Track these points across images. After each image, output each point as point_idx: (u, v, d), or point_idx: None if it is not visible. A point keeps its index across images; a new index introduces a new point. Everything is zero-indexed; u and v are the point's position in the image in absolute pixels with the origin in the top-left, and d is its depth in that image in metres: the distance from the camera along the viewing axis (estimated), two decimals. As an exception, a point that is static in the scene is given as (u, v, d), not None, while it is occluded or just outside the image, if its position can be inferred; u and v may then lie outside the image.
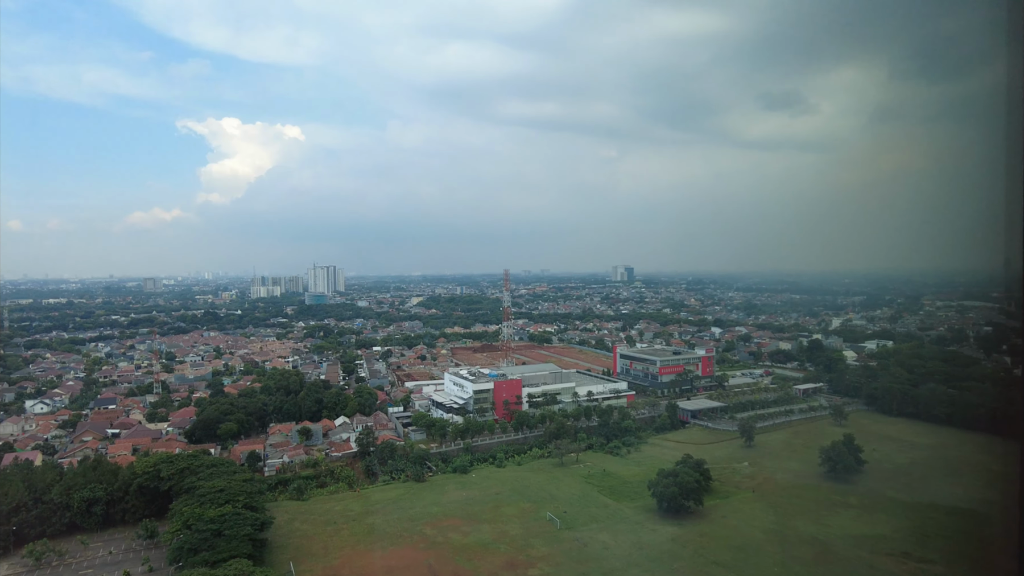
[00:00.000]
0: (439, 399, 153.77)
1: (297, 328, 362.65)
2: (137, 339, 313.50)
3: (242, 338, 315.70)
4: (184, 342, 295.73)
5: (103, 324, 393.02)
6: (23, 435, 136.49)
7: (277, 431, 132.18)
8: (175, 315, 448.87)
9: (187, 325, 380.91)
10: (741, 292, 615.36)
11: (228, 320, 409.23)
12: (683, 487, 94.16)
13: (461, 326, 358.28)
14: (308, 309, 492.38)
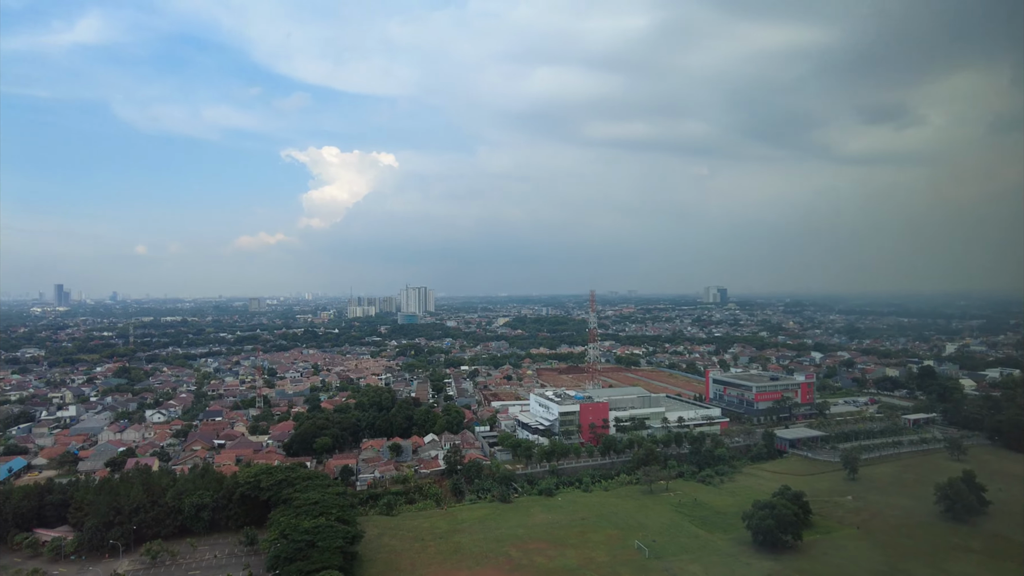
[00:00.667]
0: (525, 420, 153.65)
1: (390, 347, 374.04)
2: (242, 355, 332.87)
3: (338, 356, 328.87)
4: (285, 359, 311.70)
5: (212, 341, 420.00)
6: (143, 442, 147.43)
7: (369, 446, 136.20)
8: (277, 333, 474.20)
9: (288, 343, 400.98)
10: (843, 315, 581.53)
11: (326, 338, 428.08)
12: (780, 520, 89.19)
13: (547, 347, 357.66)
14: (400, 328, 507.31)
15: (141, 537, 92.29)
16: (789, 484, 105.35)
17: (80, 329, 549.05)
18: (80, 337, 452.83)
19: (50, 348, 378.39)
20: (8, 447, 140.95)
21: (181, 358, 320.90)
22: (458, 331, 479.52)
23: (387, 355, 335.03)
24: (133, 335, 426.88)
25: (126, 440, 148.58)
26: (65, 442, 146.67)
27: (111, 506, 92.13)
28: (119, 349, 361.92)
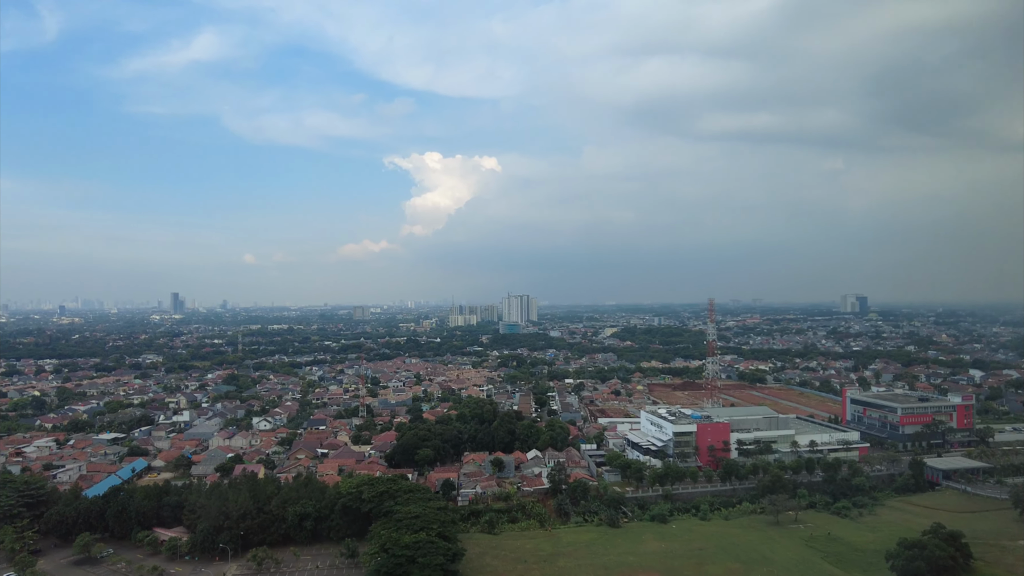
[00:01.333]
0: (635, 439, 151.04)
1: (491, 357, 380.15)
2: (346, 364, 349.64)
3: (440, 365, 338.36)
4: (388, 368, 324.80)
5: (317, 349, 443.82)
6: (250, 449, 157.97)
7: (471, 460, 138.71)
8: (380, 342, 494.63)
9: (391, 352, 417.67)
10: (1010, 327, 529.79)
11: (428, 347, 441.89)
12: (933, 563, 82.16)
13: (659, 360, 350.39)
14: (502, 338, 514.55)
15: (248, 542, 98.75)
16: (943, 522, 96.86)
17: (193, 336, 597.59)
18: (193, 344, 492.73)
19: (167, 355, 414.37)
20: (132, 448, 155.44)
21: (287, 366, 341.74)
22: (562, 341, 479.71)
23: (488, 365, 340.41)
24: (241, 343, 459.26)
25: (234, 446, 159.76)
26: (180, 446, 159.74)
27: (220, 511, 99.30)
28: (228, 356, 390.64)
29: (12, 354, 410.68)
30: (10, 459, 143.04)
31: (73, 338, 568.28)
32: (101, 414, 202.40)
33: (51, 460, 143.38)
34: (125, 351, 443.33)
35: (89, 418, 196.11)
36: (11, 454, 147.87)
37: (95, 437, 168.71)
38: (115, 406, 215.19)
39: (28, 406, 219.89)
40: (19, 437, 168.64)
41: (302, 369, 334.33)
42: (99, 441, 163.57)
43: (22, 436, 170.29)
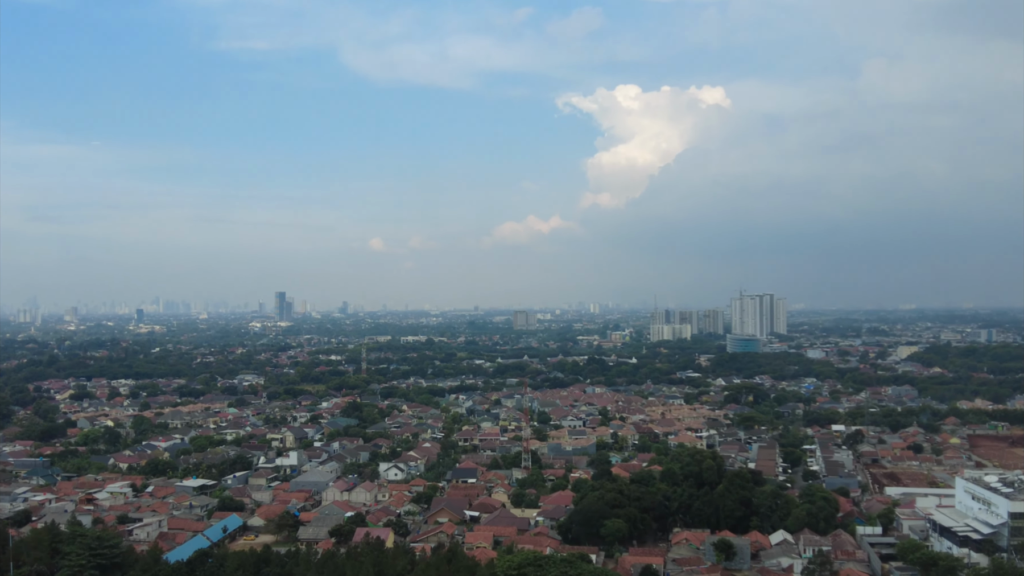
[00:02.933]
0: (946, 521, 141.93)
1: (714, 387, 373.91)
2: (504, 392, 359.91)
3: (637, 398, 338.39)
4: (562, 399, 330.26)
5: (465, 371, 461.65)
6: (375, 506, 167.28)
7: (683, 539, 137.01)
8: (551, 362, 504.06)
9: (566, 376, 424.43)
10: None
11: (619, 371, 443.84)
12: None
13: (986, 398, 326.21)
14: (730, 359, 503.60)
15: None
16: None
17: (304, 351, 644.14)
18: (304, 362, 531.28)
19: (269, 375, 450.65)
20: (223, 500, 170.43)
21: (425, 393, 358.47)
22: (827, 366, 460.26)
23: (710, 400, 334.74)
24: (366, 360, 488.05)
25: (355, 502, 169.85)
26: (285, 499, 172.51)
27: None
28: (349, 379, 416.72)
29: (82, 371, 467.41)
30: (80, 507, 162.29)
31: (153, 352, 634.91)
32: (186, 453, 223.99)
33: (126, 511, 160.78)
34: (217, 369, 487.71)
35: (171, 457, 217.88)
36: (81, 500, 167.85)
37: (178, 483, 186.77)
38: (203, 443, 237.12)
39: (100, 439, 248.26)
40: (90, 479, 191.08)
41: (445, 398, 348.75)
42: (183, 489, 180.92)
43: (94, 478, 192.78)
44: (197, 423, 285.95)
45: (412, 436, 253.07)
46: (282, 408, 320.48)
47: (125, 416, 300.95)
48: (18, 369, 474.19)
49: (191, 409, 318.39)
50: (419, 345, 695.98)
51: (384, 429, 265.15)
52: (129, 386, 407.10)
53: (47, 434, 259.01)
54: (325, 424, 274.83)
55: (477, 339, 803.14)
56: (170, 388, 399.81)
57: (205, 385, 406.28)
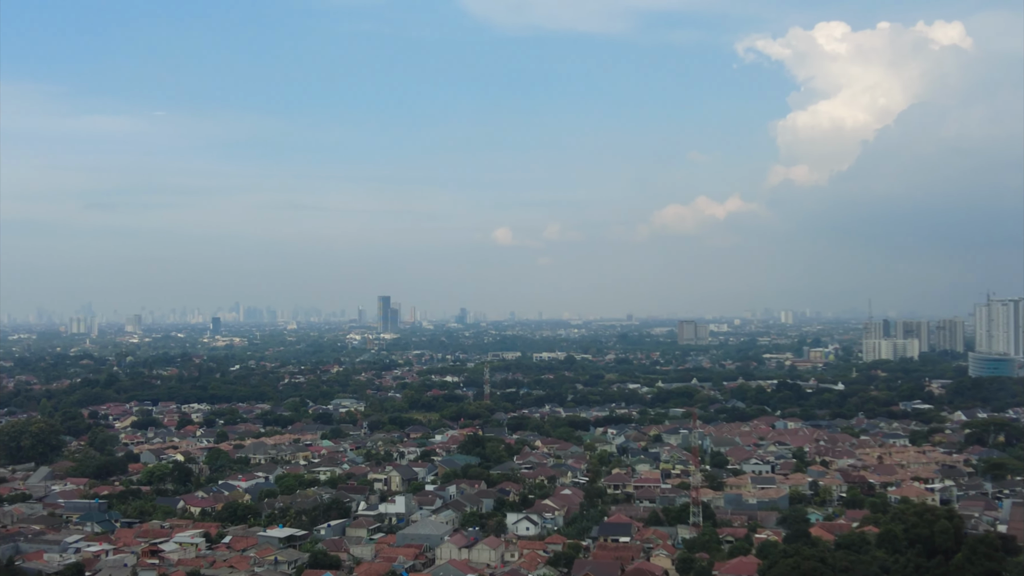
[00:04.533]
0: None
1: (951, 423, 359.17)
2: (666, 426, 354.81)
3: (844, 436, 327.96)
4: (743, 436, 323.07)
5: (615, 397, 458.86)
6: (501, 567, 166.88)
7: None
8: (728, 387, 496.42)
9: (747, 406, 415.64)
10: None
11: (819, 401, 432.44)
12: None
13: None
14: (973, 386, 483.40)
15: None
16: None
17: (413, 370, 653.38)
18: (413, 383, 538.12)
19: (371, 400, 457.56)
20: (315, 555, 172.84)
21: (564, 425, 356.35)
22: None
23: (945, 440, 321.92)
24: (489, 382, 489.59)
25: (476, 562, 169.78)
26: (389, 555, 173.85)
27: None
28: (468, 406, 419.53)
29: (147, 394, 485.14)
30: (143, 561, 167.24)
31: (231, 370, 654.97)
32: (271, 495, 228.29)
33: (198, 566, 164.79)
34: (308, 392, 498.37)
35: (253, 501, 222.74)
36: (144, 552, 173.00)
37: (261, 533, 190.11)
38: (291, 483, 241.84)
39: (168, 477, 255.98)
40: (155, 527, 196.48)
41: (590, 432, 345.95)
42: (267, 540, 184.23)
43: (159, 525, 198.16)
44: (284, 458, 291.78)
45: (548, 480, 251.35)
46: (386, 441, 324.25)
47: (198, 449, 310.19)
48: (70, 391, 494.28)
49: (277, 441, 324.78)
50: (556, 364, 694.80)
51: (512, 470, 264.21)
52: (203, 412, 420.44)
53: (104, 470, 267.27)
54: (439, 463, 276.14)
55: (631, 357, 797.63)
56: (252, 415, 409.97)
57: (294, 412, 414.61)
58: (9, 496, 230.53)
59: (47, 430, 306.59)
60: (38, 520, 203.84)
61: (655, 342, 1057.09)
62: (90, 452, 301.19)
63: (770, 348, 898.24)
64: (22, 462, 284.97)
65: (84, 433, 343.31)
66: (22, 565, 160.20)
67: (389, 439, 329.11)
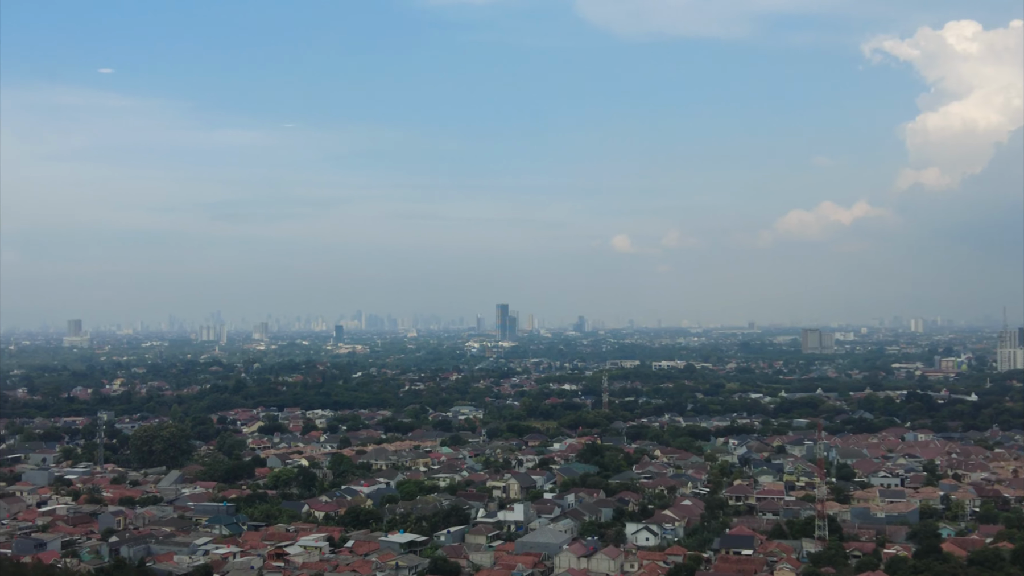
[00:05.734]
0: None
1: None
2: (790, 437, 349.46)
3: (978, 449, 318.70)
4: (870, 448, 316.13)
5: (736, 407, 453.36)
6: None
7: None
8: (855, 397, 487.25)
9: (875, 417, 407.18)
10: None
11: (951, 412, 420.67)
12: None
13: None
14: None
15: None
16: None
17: (531, 378, 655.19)
18: (531, 391, 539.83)
19: (489, 407, 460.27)
20: (435, 560, 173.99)
21: (684, 434, 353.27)
22: None
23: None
24: (608, 390, 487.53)
25: (595, 571, 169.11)
26: (508, 563, 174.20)
27: None
28: (586, 414, 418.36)
29: (273, 400, 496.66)
30: (269, 563, 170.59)
31: (354, 377, 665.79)
32: (392, 500, 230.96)
33: (322, 569, 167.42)
34: (427, 399, 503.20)
35: (375, 506, 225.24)
36: (270, 555, 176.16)
37: (383, 538, 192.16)
38: (412, 489, 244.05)
39: (293, 481, 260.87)
40: (281, 530, 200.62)
41: (710, 442, 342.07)
42: (388, 545, 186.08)
43: (285, 529, 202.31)
44: (405, 464, 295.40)
45: (667, 490, 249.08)
46: (505, 449, 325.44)
47: (321, 454, 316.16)
48: (200, 396, 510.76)
49: (397, 447, 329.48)
50: (676, 372, 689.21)
51: (631, 480, 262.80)
52: (326, 418, 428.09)
53: (232, 474, 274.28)
54: (557, 471, 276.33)
55: (752, 366, 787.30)
56: (373, 421, 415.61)
57: (414, 418, 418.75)
58: (141, 499, 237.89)
59: (178, 435, 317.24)
60: (169, 522, 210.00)
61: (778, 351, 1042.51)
62: (219, 456, 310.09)
63: (899, 357, 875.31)
64: (154, 466, 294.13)
65: (213, 438, 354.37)
66: (153, 566, 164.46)
67: (507, 447, 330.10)
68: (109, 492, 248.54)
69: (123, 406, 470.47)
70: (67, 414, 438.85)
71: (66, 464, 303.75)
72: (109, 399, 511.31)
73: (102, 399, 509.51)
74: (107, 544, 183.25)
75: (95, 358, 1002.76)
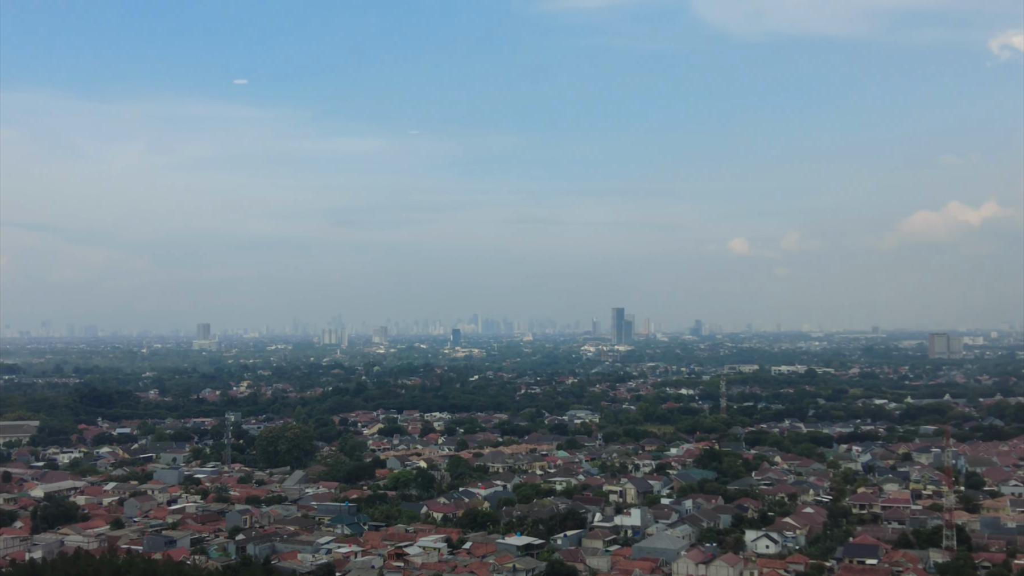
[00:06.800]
0: None
1: None
2: (916, 444, 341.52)
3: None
4: (1001, 456, 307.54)
5: (860, 413, 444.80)
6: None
7: None
8: (984, 403, 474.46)
9: (1006, 424, 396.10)
10: None
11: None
12: None
13: None
14: None
15: None
16: None
17: (647, 382, 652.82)
18: (647, 396, 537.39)
19: (605, 411, 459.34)
20: (552, 563, 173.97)
21: (805, 441, 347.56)
22: None
23: None
24: (726, 395, 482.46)
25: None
26: (625, 567, 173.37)
27: None
28: (704, 419, 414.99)
29: (392, 402, 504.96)
30: (389, 564, 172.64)
31: (471, 380, 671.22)
32: (508, 503, 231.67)
33: (440, 570, 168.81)
34: (543, 403, 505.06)
35: (492, 508, 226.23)
36: (390, 555, 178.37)
37: (500, 540, 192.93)
38: (529, 492, 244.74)
39: (412, 483, 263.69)
40: (400, 530, 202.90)
41: (833, 448, 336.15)
42: (505, 547, 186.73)
43: (404, 529, 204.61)
44: (521, 467, 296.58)
45: (788, 497, 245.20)
46: (621, 453, 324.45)
47: (439, 456, 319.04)
48: (323, 398, 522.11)
49: (514, 450, 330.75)
50: (796, 378, 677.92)
51: (751, 486, 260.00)
52: (444, 421, 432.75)
53: (353, 475, 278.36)
54: (675, 476, 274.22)
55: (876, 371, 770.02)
56: (490, 424, 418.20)
57: (530, 422, 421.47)
58: (267, 498, 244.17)
59: (302, 436, 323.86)
60: (293, 521, 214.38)
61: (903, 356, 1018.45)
62: (340, 457, 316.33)
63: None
64: (279, 466, 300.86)
65: (335, 439, 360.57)
66: (278, 564, 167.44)
67: (624, 451, 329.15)
68: (236, 491, 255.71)
69: (249, 407, 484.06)
70: (196, 415, 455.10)
71: (195, 464, 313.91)
72: (236, 401, 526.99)
73: (229, 401, 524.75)
74: (234, 542, 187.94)
75: (223, 361, 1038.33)
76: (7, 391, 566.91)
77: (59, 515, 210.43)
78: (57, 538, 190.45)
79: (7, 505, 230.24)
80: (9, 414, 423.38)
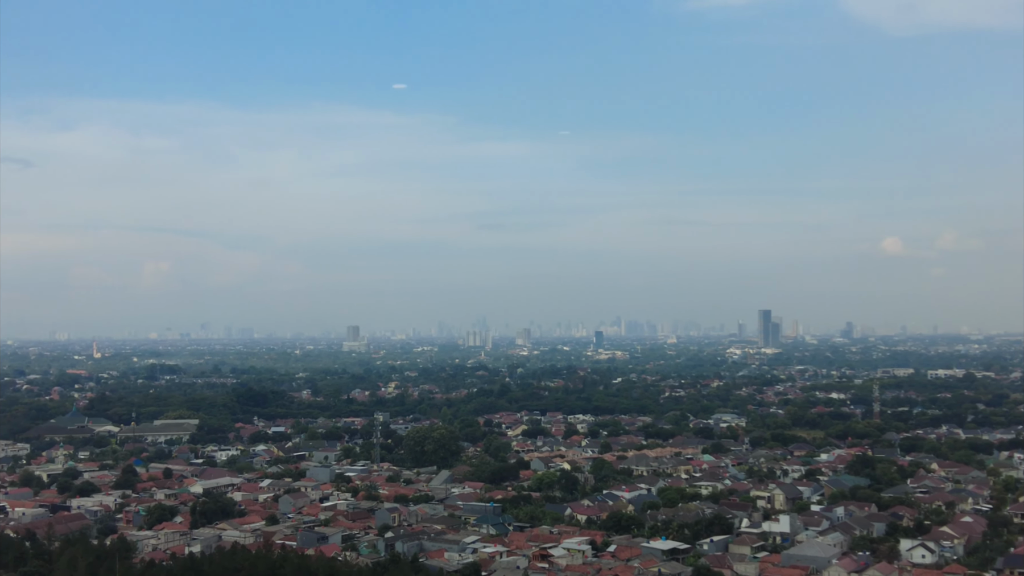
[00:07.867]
0: None
1: None
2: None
3: None
4: None
5: (1021, 419, 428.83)
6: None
7: None
8: None
9: None
10: None
11: None
12: None
13: None
14: None
15: None
16: None
17: (795, 386, 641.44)
18: (796, 400, 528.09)
19: (752, 415, 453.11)
20: (698, 569, 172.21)
21: (964, 447, 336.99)
22: None
23: None
24: (879, 400, 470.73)
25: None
26: (774, 575, 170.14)
27: None
28: (856, 424, 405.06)
29: (535, 404, 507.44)
30: (534, 564, 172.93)
31: (614, 383, 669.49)
32: (653, 507, 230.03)
33: (585, 572, 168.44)
34: (688, 406, 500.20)
35: (636, 512, 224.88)
36: (535, 556, 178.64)
37: (645, 544, 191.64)
38: (674, 496, 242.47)
39: (556, 484, 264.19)
40: (545, 532, 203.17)
41: (993, 455, 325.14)
42: (650, 551, 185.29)
43: (548, 531, 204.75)
44: (666, 471, 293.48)
45: (945, 506, 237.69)
46: (769, 458, 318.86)
47: (583, 458, 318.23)
48: (468, 400, 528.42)
49: (658, 454, 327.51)
50: (953, 382, 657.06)
51: (906, 494, 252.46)
52: (587, 423, 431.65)
53: (498, 475, 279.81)
54: (825, 482, 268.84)
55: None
56: (634, 427, 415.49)
57: (675, 425, 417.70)
58: (414, 497, 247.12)
59: (447, 436, 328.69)
60: (439, 520, 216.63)
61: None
62: (485, 458, 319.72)
63: None
64: (425, 465, 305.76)
65: (480, 440, 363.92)
66: (425, 562, 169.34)
67: (772, 456, 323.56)
68: (385, 489, 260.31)
69: (397, 408, 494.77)
70: (347, 415, 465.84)
71: (346, 462, 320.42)
72: (384, 401, 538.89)
73: (378, 401, 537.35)
74: (383, 539, 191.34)
75: (371, 362, 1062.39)
76: (168, 391, 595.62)
77: (217, 510, 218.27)
78: (215, 533, 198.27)
79: (168, 500, 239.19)
80: (170, 413, 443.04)
